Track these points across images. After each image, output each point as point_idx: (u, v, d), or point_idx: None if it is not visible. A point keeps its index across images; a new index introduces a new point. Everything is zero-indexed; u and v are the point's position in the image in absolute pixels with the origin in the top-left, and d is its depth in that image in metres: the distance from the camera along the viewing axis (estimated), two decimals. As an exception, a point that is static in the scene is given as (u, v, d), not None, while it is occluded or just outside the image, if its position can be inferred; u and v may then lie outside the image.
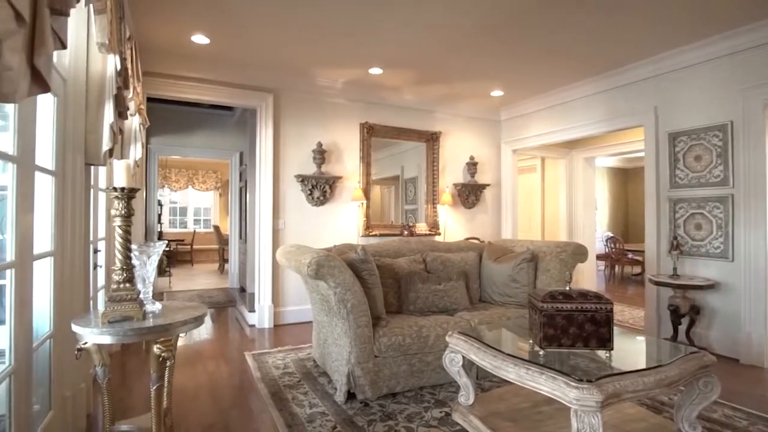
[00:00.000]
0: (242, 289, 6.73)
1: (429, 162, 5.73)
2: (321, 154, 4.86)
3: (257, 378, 3.15)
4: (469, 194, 5.95)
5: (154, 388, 1.75)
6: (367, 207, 5.27)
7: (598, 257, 8.18)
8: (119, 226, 1.75)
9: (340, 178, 5.07)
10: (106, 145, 2.42)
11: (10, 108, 1.70)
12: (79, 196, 2.35)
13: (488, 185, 6.11)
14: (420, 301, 3.33)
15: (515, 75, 4.79)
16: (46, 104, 2.12)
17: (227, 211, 10.02)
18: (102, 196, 3.31)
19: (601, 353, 1.99)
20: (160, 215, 8.76)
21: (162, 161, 8.46)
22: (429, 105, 5.72)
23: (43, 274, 2.06)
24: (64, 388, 2.20)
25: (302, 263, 2.65)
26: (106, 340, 1.63)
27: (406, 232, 5.29)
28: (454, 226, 5.94)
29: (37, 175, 1.88)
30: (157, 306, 1.94)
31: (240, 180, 7.18)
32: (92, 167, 2.72)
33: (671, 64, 4.15)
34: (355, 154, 5.25)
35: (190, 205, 12.90)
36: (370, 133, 5.29)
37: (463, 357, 2.31)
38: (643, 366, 1.85)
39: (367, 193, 5.21)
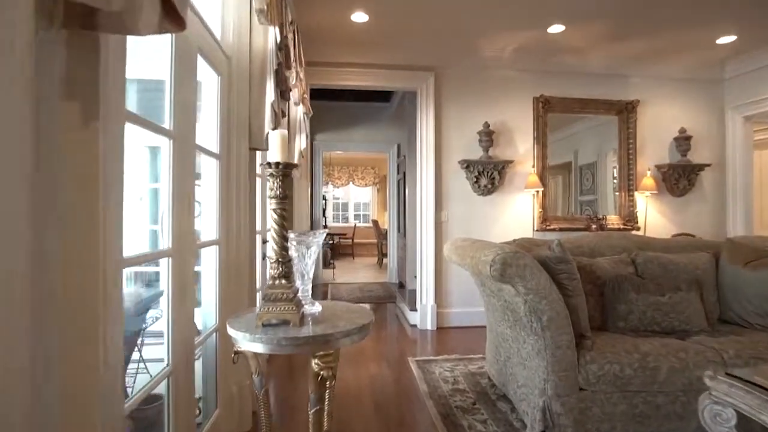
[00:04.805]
0: (401, 285, 6.52)
1: (623, 139, 4.61)
2: (488, 136, 4.24)
3: (424, 392, 2.72)
4: (680, 178, 4.62)
5: (312, 411, 1.41)
6: (544, 196, 4.45)
7: None
8: (274, 210, 1.45)
9: (510, 162, 4.37)
10: (268, 127, 2.25)
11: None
12: (244, 183, 2.21)
13: (707, 165, 4.67)
14: (633, 316, 2.48)
15: (760, 7, 3.42)
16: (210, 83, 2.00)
17: (385, 206, 10.13)
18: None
19: None
20: (324, 209, 9.23)
21: (326, 159, 8.88)
22: (621, 68, 4.58)
23: (208, 262, 1.94)
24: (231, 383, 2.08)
25: (482, 261, 2.10)
26: (258, 348, 1.33)
27: (594, 226, 4.32)
28: (656, 218, 4.69)
29: (204, 158, 1.73)
30: (317, 308, 1.61)
31: (398, 172, 7.02)
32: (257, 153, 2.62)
33: None
34: (528, 134, 4.48)
35: (351, 200, 13.57)
36: (545, 107, 4.45)
37: (738, 413, 1.50)
38: None
39: (543, 179, 4.39)
